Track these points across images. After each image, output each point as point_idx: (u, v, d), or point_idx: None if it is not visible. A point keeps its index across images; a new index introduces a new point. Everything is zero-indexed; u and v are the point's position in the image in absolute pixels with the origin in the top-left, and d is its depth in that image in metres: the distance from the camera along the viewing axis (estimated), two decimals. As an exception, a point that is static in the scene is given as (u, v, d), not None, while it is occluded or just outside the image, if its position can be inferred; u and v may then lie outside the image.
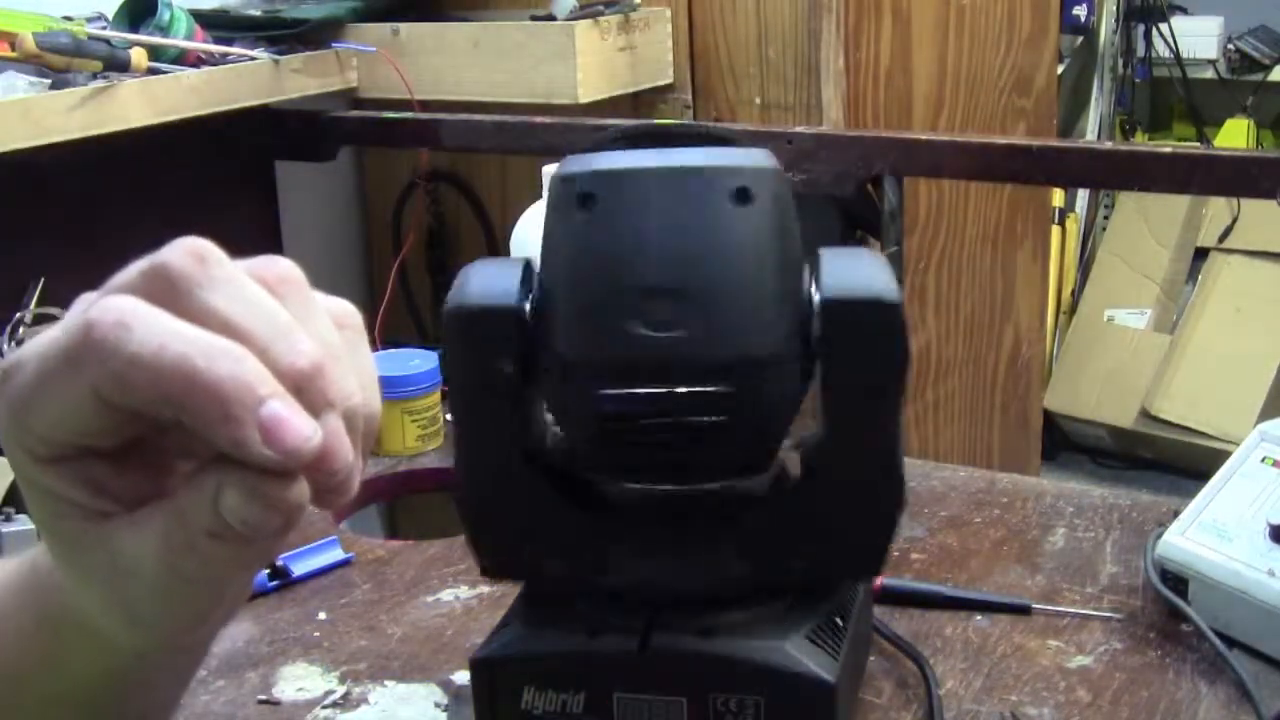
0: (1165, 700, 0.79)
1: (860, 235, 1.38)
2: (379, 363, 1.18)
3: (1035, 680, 0.81)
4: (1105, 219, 3.39)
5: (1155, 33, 3.31)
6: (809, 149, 1.31)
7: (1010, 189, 1.98)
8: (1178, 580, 0.86)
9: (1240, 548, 0.83)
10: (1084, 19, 3.15)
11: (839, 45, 1.56)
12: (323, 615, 0.93)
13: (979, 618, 0.88)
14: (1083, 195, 3.32)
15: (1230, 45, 3.24)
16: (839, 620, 0.71)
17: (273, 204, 1.71)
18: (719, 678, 0.68)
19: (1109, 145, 2.00)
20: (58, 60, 1.23)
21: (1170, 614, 0.86)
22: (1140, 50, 3.35)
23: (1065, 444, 3.20)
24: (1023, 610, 0.89)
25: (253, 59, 1.44)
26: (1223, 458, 0.90)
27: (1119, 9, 3.30)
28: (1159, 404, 3.05)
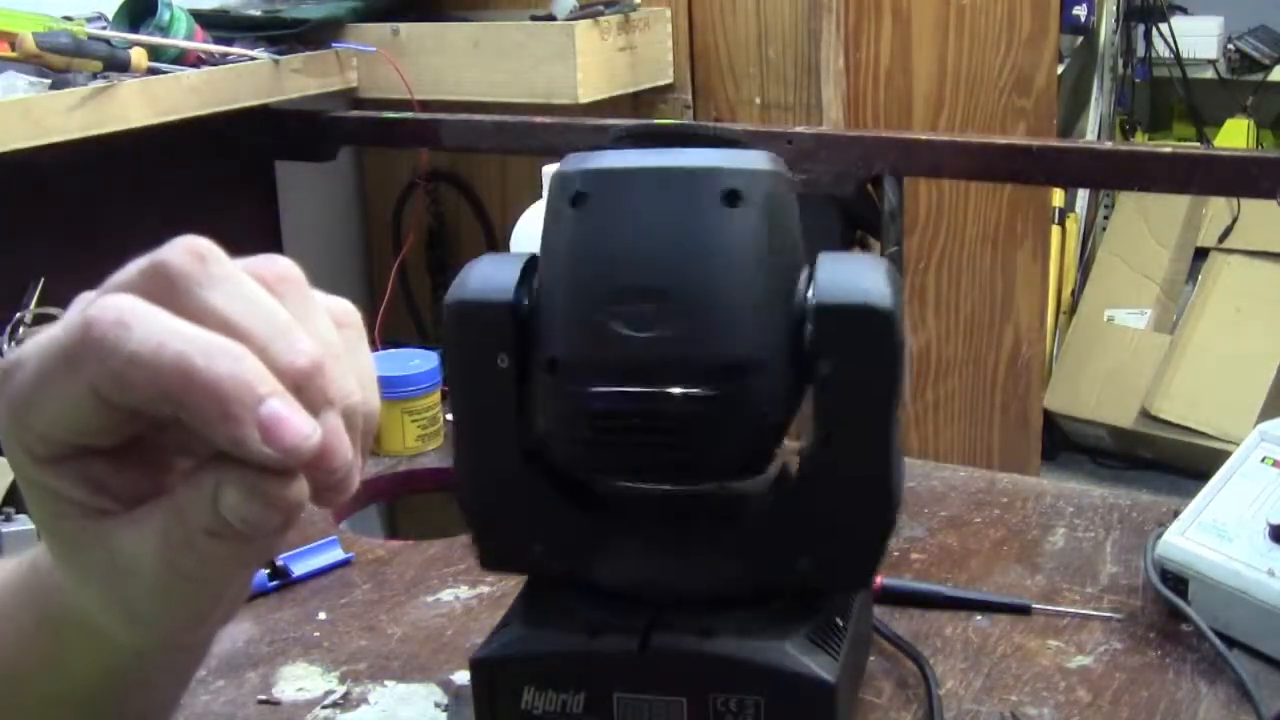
0: (1165, 700, 0.79)
1: (860, 235, 1.38)
2: (379, 363, 1.18)
3: (1035, 680, 0.81)
4: (1105, 219, 3.39)
5: (1155, 33, 3.31)
6: (809, 149, 1.31)
7: (1010, 189, 1.98)
8: (1178, 580, 0.86)
9: (1240, 548, 0.83)
10: (1084, 19, 3.15)
11: (839, 45, 1.56)
12: (323, 615, 0.93)
13: (979, 618, 0.88)
14: (1083, 195, 3.32)
15: (1230, 45, 3.24)
16: (839, 620, 0.71)
17: (273, 204, 1.71)
18: (719, 678, 0.68)
19: (1109, 145, 2.00)
20: (58, 60, 1.23)
21: (1170, 614, 0.86)
22: (1140, 50, 3.35)
23: (1065, 444, 3.20)
24: (1023, 610, 0.89)
25: (253, 59, 1.44)
26: (1223, 458, 0.91)
27: (1119, 9, 3.30)
28: (1159, 404, 3.05)
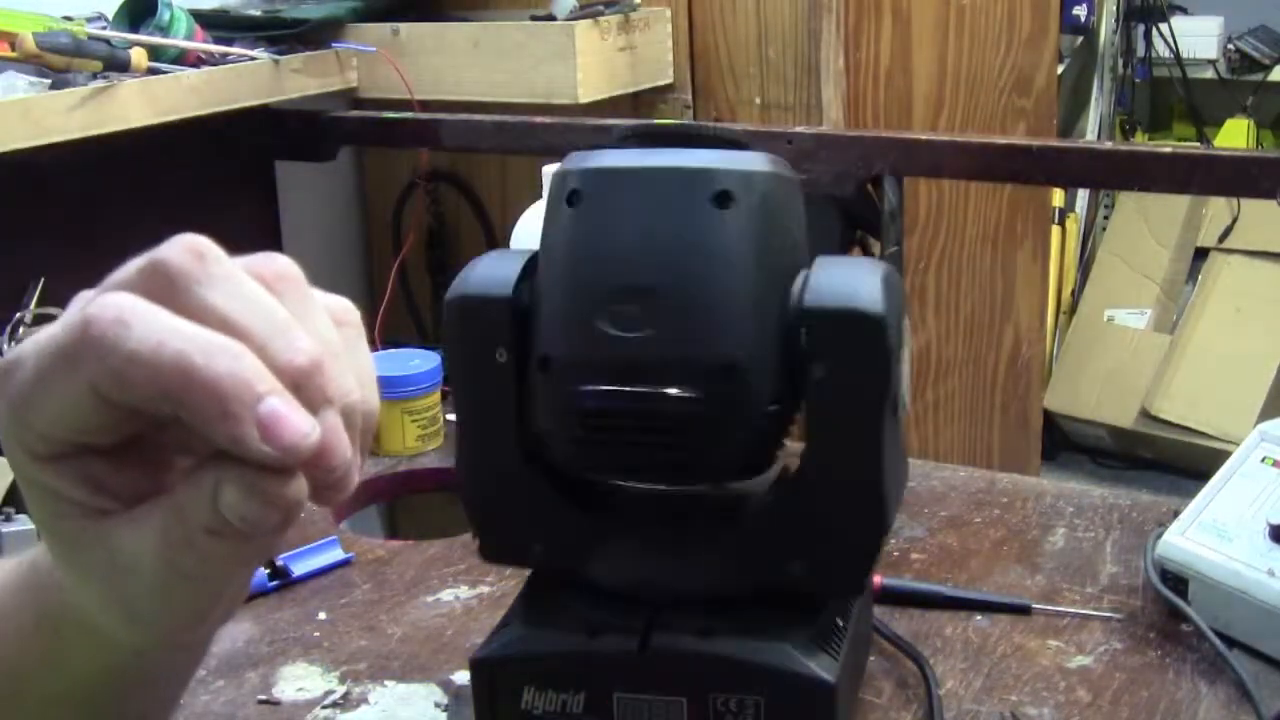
0: (1165, 700, 0.79)
1: (860, 235, 1.38)
2: (379, 363, 1.19)
3: (1035, 680, 0.81)
4: (1105, 219, 3.39)
5: (1155, 33, 3.31)
6: (809, 149, 1.31)
7: (1010, 189, 1.98)
8: (1178, 580, 0.86)
9: (1240, 548, 0.83)
10: (1084, 19, 3.15)
11: (839, 45, 1.56)
12: (323, 615, 0.93)
13: (979, 618, 0.88)
14: (1083, 195, 3.32)
15: (1230, 45, 3.24)
16: (839, 620, 0.71)
17: (273, 204, 1.71)
18: (719, 678, 0.68)
19: (1109, 145, 2.00)
20: (58, 60, 1.23)
21: (1170, 614, 0.86)
22: (1140, 50, 3.35)
23: (1065, 444, 3.20)
24: (1023, 610, 0.89)
25: (253, 59, 1.44)
26: (1223, 458, 0.91)
27: (1119, 9, 3.30)
28: (1159, 404, 3.05)
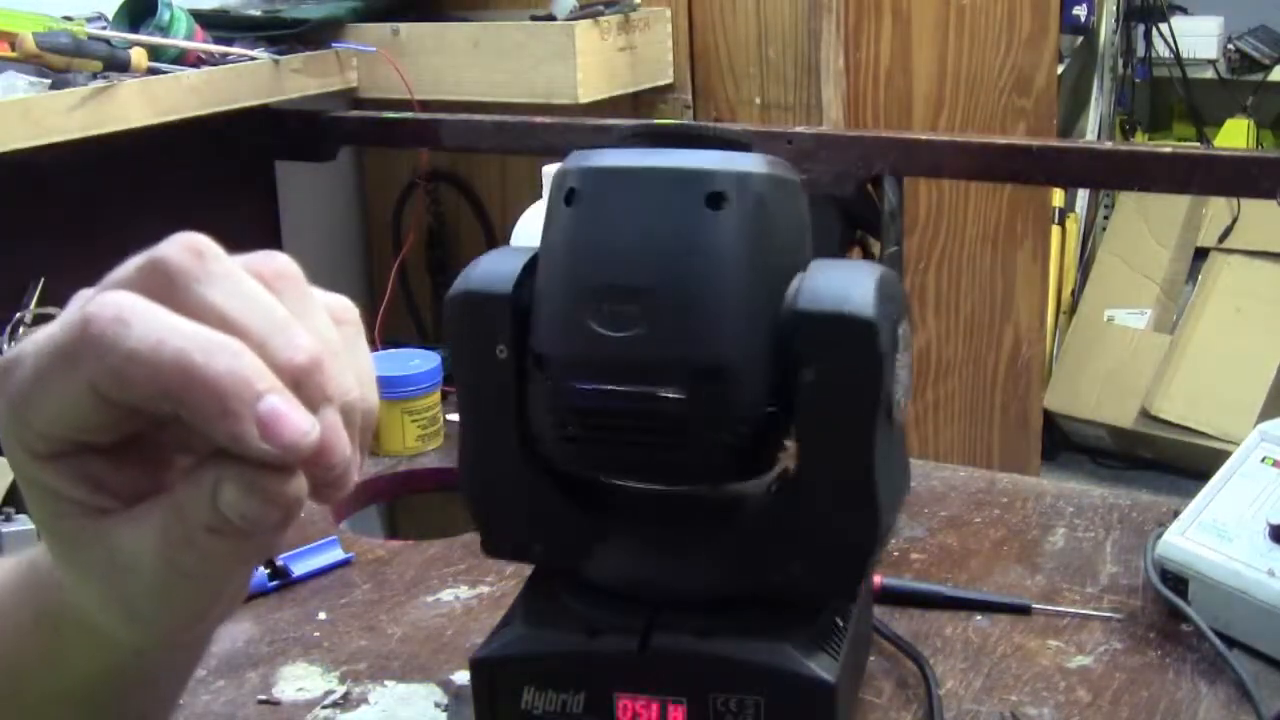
0: (1165, 700, 0.79)
1: (860, 235, 1.38)
2: (379, 363, 1.18)
3: (1035, 680, 0.81)
4: (1105, 219, 3.39)
5: (1155, 33, 3.31)
6: (809, 149, 1.31)
7: (1010, 189, 1.98)
8: (1178, 580, 0.86)
9: (1240, 548, 0.83)
10: (1084, 19, 3.15)
11: (839, 45, 1.56)
12: (323, 615, 0.93)
13: (979, 618, 0.88)
14: (1083, 195, 3.32)
15: (1230, 45, 3.24)
16: (839, 620, 0.71)
17: (273, 204, 1.71)
18: (719, 678, 0.68)
19: (1109, 145, 2.00)
20: (58, 60, 1.23)
21: (1170, 614, 0.86)
22: (1140, 50, 3.35)
23: (1065, 444, 3.20)
24: (1023, 610, 0.89)
25: (253, 59, 1.44)
26: (1223, 458, 0.90)
27: (1119, 9, 3.30)
28: (1159, 404, 3.05)
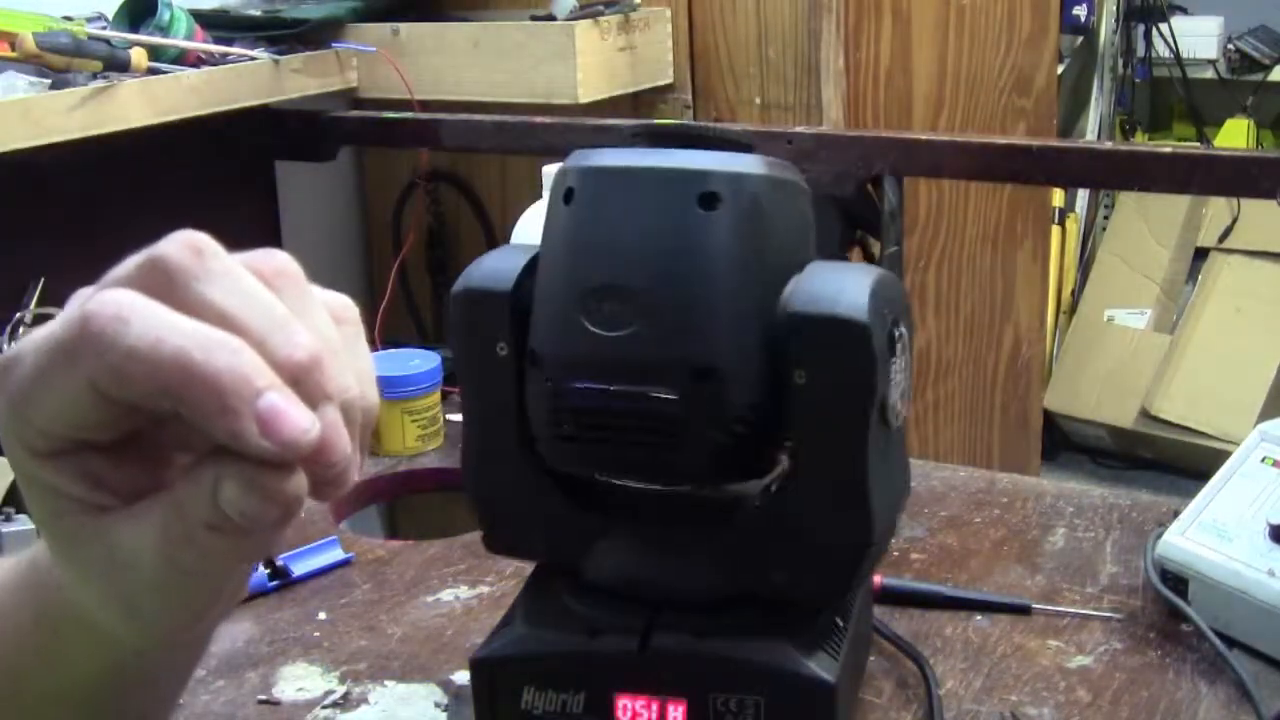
0: (1165, 700, 0.79)
1: (860, 235, 1.38)
2: (379, 363, 1.18)
3: (1035, 680, 0.81)
4: (1105, 219, 3.39)
5: (1155, 33, 3.31)
6: (809, 149, 1.31)
7: (1010, 189, 1.98)
8: (1178, 580, 0.86)
9: (1240, 548, 0.83)
10: (1084, 19, 3.15)
11: (839, 45, 1.56)
12: (323, 615, 0.93)
13: (979, 618, 0.88)
14: (1083, 195, 3.32)
15: (1230, 45, 3.25)
16: (839, 620, 0.71)
17: (273, 204, 1.71)
18: (719, 678, 0.68)
19: (1109, 145, 2.00)
20: (58, 60, 1.23)
21: (1170, 614, 0.86)
22: (1140, 50, 3.35)
23: (1065, 444, 3.20)
24: (1023, 610, 0.89)
25: (253, 59, 1.44)
26: (1223, 458, 0.90)
27: (1119, 9, 3.30)
28: (1159, 404, 3.05)
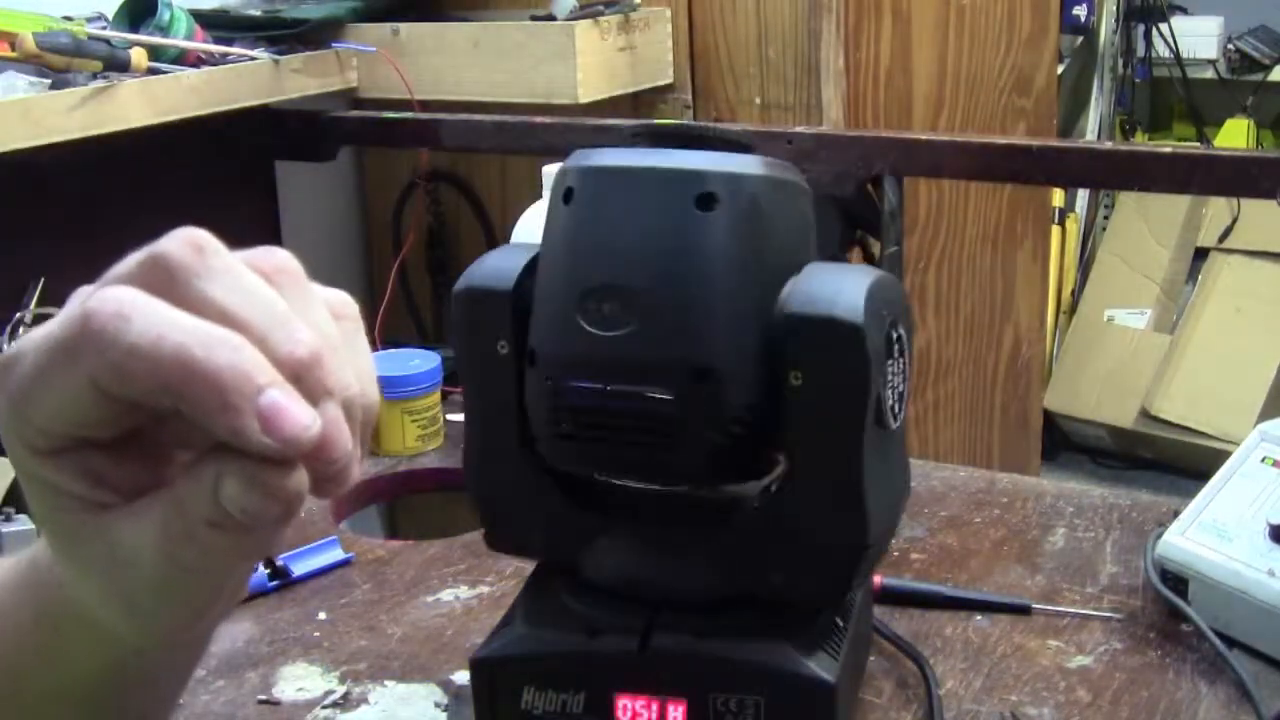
0: (1165, 700, 0.79)
1: (860, 235, 1.38)
2: (379, 363, 1.18)
3: (1035, 680, 0.81)
4: (1105, 219, 3.39)
5: (1155, 33, 3.31)
6: (809, 149, 1.31)
7: (1010, 189, 1.98)
8: (1178, 580, 0.86)
9: (1240, 548, 0.83)
10: (1084, 19, 3.15)
11: (839, 45, 1.56)
12: (323, 615, 0.93)
13: (979, 618, 0.88)
14: (1083, 195, 3.32)
15: (1230, 45, 3.25)
16: (839, 620, 0.71)
17: (273, 204, 1.71)
18: (719, 678, 0.68)
19: (1109, 145, 2.00)
20: (58, 60, 1.23)
21: (1170, 614, 0.86)
22: (1140, 50, 3.35)
23: (1065, 444, 3.20)
24: (1023, 610, 0.89)
25: (253, 59, 1.44)
26: (1223, 458, 0.90)
27: (1119, 9, 3.30)
28: (1159, 404, 3.05)
